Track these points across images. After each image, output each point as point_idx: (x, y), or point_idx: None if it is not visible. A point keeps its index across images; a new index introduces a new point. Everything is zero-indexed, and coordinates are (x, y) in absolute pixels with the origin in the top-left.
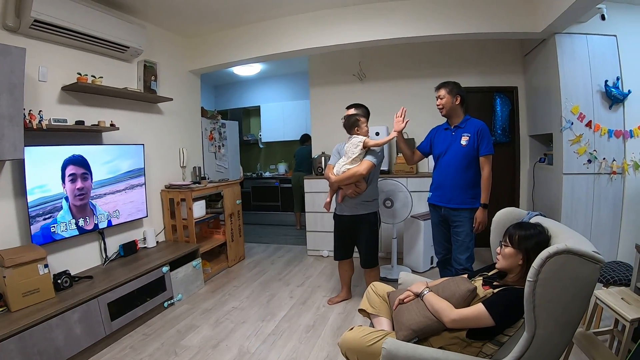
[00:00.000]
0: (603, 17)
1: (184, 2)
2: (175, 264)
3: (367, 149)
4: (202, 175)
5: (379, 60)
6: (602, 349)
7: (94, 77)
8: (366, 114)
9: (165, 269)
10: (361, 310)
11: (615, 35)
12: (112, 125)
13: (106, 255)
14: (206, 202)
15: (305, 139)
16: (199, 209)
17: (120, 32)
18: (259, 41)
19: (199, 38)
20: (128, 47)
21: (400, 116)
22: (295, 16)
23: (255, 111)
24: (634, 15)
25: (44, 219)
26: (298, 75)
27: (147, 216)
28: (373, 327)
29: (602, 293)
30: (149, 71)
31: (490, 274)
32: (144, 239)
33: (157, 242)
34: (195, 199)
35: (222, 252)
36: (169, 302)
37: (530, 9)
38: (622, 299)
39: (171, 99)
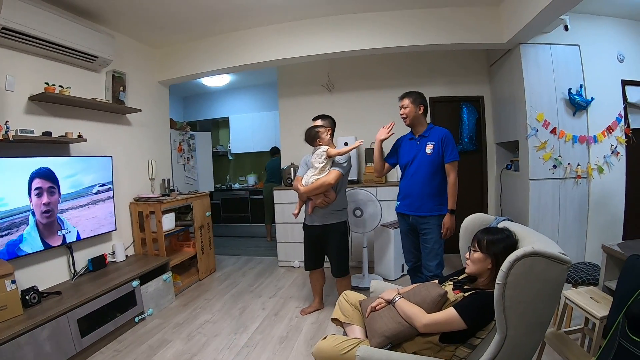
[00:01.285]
0: (566, 28)
1: (153, 12)
2: (145, 278)
3: (332, 158)
4: (171, 188)
5: (348, 71)
6: (573, 347)
7: (62, 87)
8: (332, 124)
9: (135, 283)
10: (334, 320)
11: (578, 45)
12: (79, 136)
13: (75, 270)
14: (176, 214)
15: (275, 151)
16: (168, 222)
17: (89, 41)
18: (228, 52)
19: (168, 48)
20: (97, 57)
21: (387, 128)
22: (264, 27)
23: (224, 122)
24: (596, 25)
25: (9, 234)
26: (267, 86)
27: (115, 229)
28: (346, 335)
29: (571, 293)
30: (118, 81)
31: (460, 278)
32: (113, 253)
33: (126, 256)
34: (165, 212)
35: (192, 265)
36: (140, 317)
37: (495, 20)
38: (591, 298)
39: (139, 110)
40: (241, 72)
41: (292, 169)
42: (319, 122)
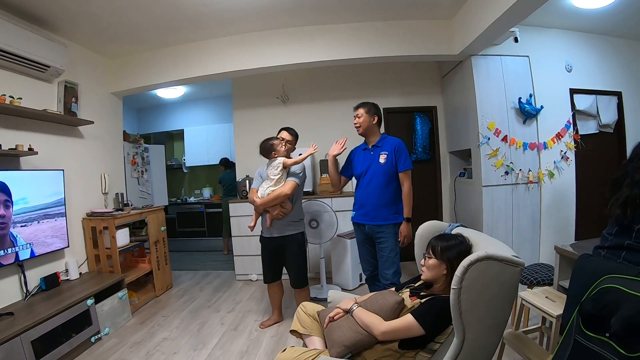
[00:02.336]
0: (516, 40)
1: (106, 21)
2: (100, 296)
3: (288, 170)
4: (125, 202)
5: (302, 83)
6: (532, 346)
7: (12, 97)
8: (295, 138)
9: (89, 301)
10: (293, 331)
11: (527, 56)
12: (30, 149)
13: (27, 290)
14: (130, 229)
15: (226, 162)
16: (122, 237)
17: (41, 50)
18: (183, 63)
19: (122, 59)
20: (49, 67)
21: (340, 143)
22: (219, 39)
23: (179, 135)
24: (545, 37)
25: None
26: (222, 98)
27: (68, 246)
28: (306, 347)
29: (527, 294)
30: (70, 92)
31: (416, 285)
32: (66, 270)
33: (80, 273)
34: (119, 227)
35: (148, 282)
36: (96, 336)
37: (447, 33)
38: (546, 297)
39: (92, 122)
40: (196, 84)
41: (247, 181)
42: (284, 134)
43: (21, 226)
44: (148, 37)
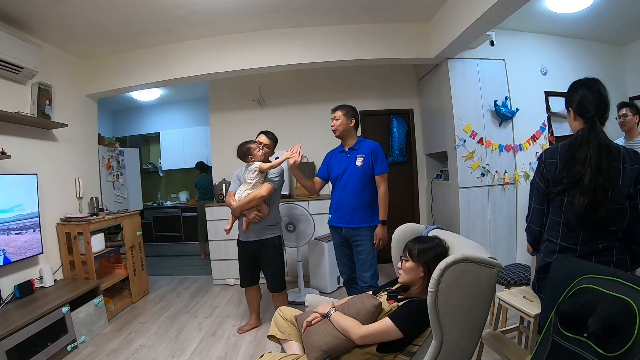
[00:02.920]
0: (492, 43)
1: (81, 22)
2: (75, 304)
3: (265, 174)
4: (100, 207)
5: (279, 86)
6: (511, 346)
7: None
8: (274, 143)
9: (65, 309)
10: (271, 337)
11: (503, 60)
12: (2, 152)
13: (1, 298)
14: (105, 234)
15: (201, 166)
16: (97, 243)
17: (15, 50)
18: (159, 65)
19: (97, 60)
20: (22, 68)
21: (294, 152)
22: (195, 41)
23: (155, 138)
24: (520, 40)
25: None
26: (198, 101)
27: (42, 252)
28: (284, 352)
29: (504, 294)
30: (44, 94)
31: (394, 288)
32: (41, 277)
33: (55, 280)
34: (94, 232)
35: (125, 288)
36: (72, 345)
37: (424, 36)
38: (523, 297)
39: (66, 125)
40: (172, 86)
41: (223, 185)
42: (262, 138)
43: None
44: (124, 38)
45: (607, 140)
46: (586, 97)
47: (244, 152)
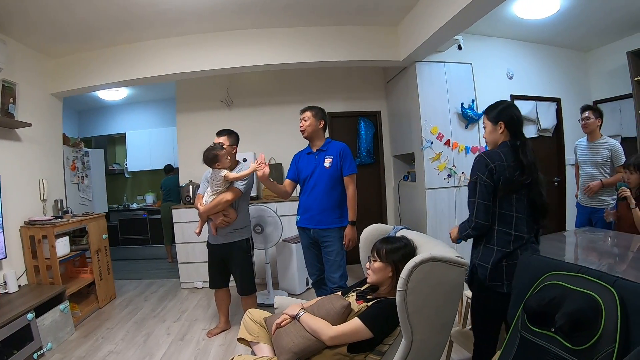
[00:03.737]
0: (460, 47)
1: (45, 17)
2: (41, 310)
3: (231, 181)
4: (65, 209)
5: (247, 87)
6: None
7: None
8: (236, 141)
9: (30, 316)
10: (240, 339)
11: (470, 63)
12: None
13: None
14: (70, 238)
15: (170, 168)
16: (62, 247)
17: None
18: (125, 64)
19: (63, 58)
20: None
21: (262, 163)
22: (162, 40)
23: (121, 139)
24: (487, 45)
25: None
26: (165, 101)
27: (5, 257)
28: (254, 355)
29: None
30: (8, 93)
31: (363, 288)
32: (4, 283)
33: (19, 286)
34: (58, 236)
35: (91, 293)
36: (39, 352)
37: (393, 39)
38: None
39: (30, 125)
40: (139, 86)
41: (190, 186)
42: (223, 139)
43: None
44: (90, 36)
45: None
46: (517, 117)
47: (212, 159)
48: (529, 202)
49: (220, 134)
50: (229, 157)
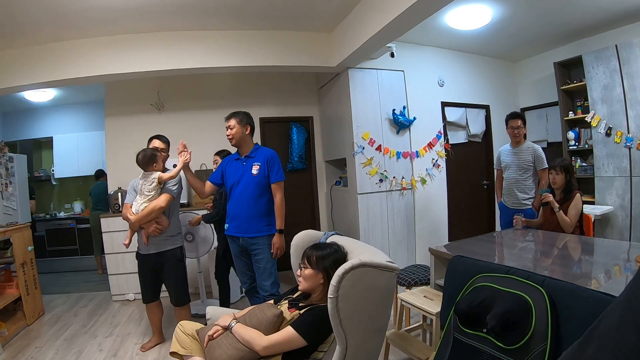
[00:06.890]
0: (392, 55)
1: None
2: None
3: (163, 184)
4: None
5: (178, 90)
6: (415, 343)
7: None
8: (167, 147)
9: None
10: (173, 353)
11: (402, 70)
12: None
13: None
14: None
15: (100, 174)
16: None
17: None
18: (52, 64)
19: None
20: None
21: (184, 150)
22: (90, 39)
23: (48, 143)
24: (420, 53)
25: None
26: (94, 104)
27: None
28: None
29: (406, 295)
30: None
31: (295, 296)
32: None
33: None
34: None
35: (18, 309)
36: None
37: (326, 45)
38: (424, 296)
39: None
40: (67, 87)
41: (119, 193)
42: (157, 143)
43: None
44: (13, 32)
45: None
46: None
47: (149, 159)
48: None
49: (154, 138)
50: (163, 160)
